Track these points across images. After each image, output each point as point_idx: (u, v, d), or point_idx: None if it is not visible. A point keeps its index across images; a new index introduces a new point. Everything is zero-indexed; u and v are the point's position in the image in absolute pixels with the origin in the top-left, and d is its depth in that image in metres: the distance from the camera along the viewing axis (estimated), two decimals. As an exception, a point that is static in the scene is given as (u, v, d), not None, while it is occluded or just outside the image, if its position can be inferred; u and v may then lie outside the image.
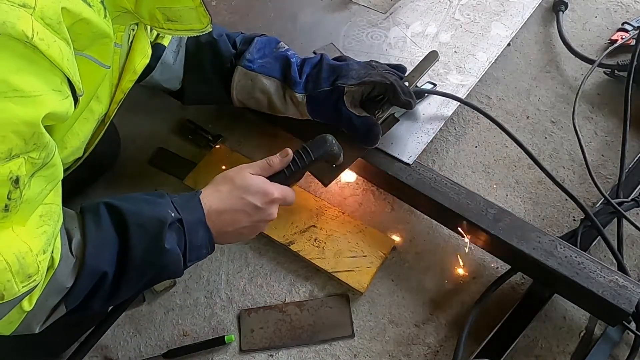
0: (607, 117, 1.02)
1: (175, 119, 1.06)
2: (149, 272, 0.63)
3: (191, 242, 0.65)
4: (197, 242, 0.66)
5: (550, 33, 1.16)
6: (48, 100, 0.47)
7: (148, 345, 0.81)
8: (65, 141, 0.63)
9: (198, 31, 0.65)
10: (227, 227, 0.68)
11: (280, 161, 0.72)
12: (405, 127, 0.90)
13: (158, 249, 0.61)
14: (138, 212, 0.62)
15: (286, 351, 0.79)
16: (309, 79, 0.83)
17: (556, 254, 0.75)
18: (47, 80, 0.48)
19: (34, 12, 0.45)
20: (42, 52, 0.46)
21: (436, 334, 0.80)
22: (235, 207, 0.68)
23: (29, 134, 0.46)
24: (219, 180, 0.70)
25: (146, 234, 0.61)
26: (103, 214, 0.61)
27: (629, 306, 0.69)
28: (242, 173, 0.70)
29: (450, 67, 0.99)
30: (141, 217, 0.62)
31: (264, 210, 0.69)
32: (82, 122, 0.64)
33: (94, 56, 0.58)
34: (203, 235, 0.66)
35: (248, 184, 0.69)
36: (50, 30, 0.47)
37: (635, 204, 0.86)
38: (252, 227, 0.71)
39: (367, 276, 0.83)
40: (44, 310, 0.57)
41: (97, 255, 0.59)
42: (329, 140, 0.74)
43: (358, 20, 1.07)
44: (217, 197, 0.68)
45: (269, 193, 0.69)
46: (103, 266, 0.59)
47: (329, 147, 0.74)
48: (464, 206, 0.81)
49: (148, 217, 0.62)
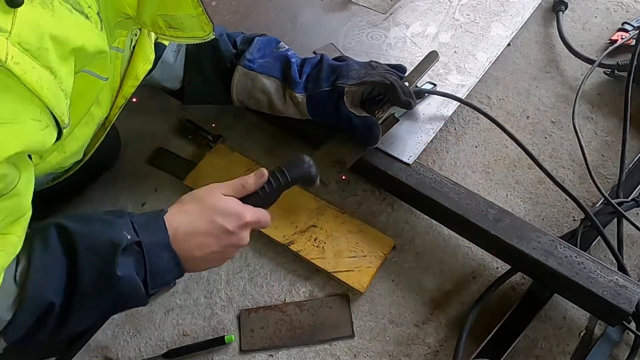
0: (607, 117, 1.02)
1: (175, 119, 1.06)
2: (103, 300, 0.58)
3: (152, 267, 0.59)
4: (161, 267, 0.60)
5: (550, 33, 1.16)
6: (24, 129, 0.44)
7: (148, 345, 0.81)
8: (65, 145, 0.61)
9: (200, 39, 0.64)
10: (195, 251, 0.63)
11: (255, 182, 0.67)
12: (405, 127, 0.90)
13: (109, 275, 0.56)
14: (89, 234, 0.57)
15: (286, 351, 0.79)
16: (309, 79, 0.83)
17: (556, 254, 0.75)
18: (25, 108, 0.45)
19: (9, 36, 0.42)
20: (18, 77, 0.43)
21: (436, 334, 0.80)
22: (204, 229, 0.62)
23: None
24: (186, 199, 0.65)
25: (96, 259, 0.56)
26: (52, 236, 0.56)
27: (629, 306, 0.69)
28: (213, 193, 0.65)
29: (450, 67, 0.99)
30: (93, 239, 0.57)
31: (235, 235, 0.64)
32: (82, 127, 0.63)
33: (92, 70, 0.57)
34: (167, 259, 0.60)
35: (219, 205, 0.63)
36: (29, 56, 0.44)
37: (635, 204, 0.86)
38: (220, 253, 0.65)
39: (367, 276, 0.83)
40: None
41: (42, 283, 0.54)
42: (306, 162, 0.71)
43: (358, 21, 1.07)
44: (185, 217, 0.63)
45: (241, 216, 0.63)
46: (48, 296, 0.54)
47: (307, 168, 0.70)
48: (464, 206, 0.81)
49: (99, 240, 0.57)
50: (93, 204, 0.96)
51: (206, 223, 0.63)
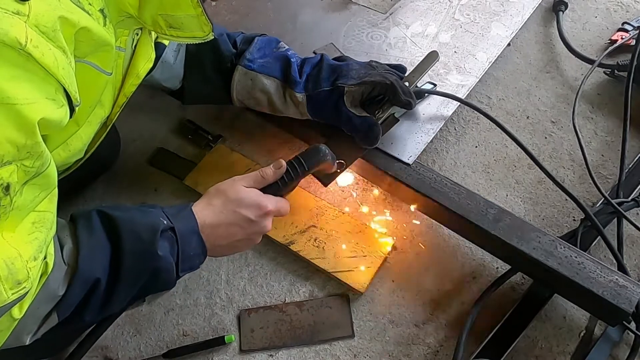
0: (607, 117, 1.02)
1: (175, 119, 1.06)
2: (141, 279, 0.62)
3: (184, 252, 0.64)
4: (190, 252, 0.65)
5: (550, 33, 1.16)
6: (41, 108, 0.47)
7: (148, 345, 0.81)
8: (69, 144, 0.63)
9: (200, 39, 0.65)
10: (221, 240, 0.68)
11: (274, 173, 0.71)
12: (405, 127, 0.90)
13: (150, 255, 0.61)
14: (130, 219, 0.62)
15: (286, 351, 0.79)
16: (309, 78, 0.83)
17: (556, 254, 0.75)
18: (41, 88, 0.47)
19: (28, 20, 0.45)
20: (37, 59, 0.45)
21: (436, 334, 0.80)
22: (229, 220, 0.67)
23: (22, 141, 0.46)
24: (211, 193, 0.70)
25: (139, 240, 0.61)
26: (95, 221, 0.61)
27: (629, 306, 0.69)
28: (235, 186, 0.69)
29: (450, 67, 0.99)
30: (133, 223, 0.61)
31: (257, 223, 0.68)
32: (85, 126, 0.64)
33: (95, 63, 0.57)
34: (196, 245, 0.66)
35: (241, 197, 0.68)
36: (45, 38, 0.46)
37: (635, 204, 0.86)
38: (246, 240, 0.70)
39: (367, 276, 0.83)
40: (34, 319, 0.56)
41: (90, 261, 0.58)
42: (322, 151, 0.74)
43: (358, 21, 1.07)
44: (211, 210, 0.67)
45: (262, 206, 0.68)
46: (96, 273, 0.58)
47: (322, 157, 0.73)
48: (464, 206, 0.81)
49: (140, 224, 0.62)
50: (93, 203, 0.96)
51: (230, 214, 0.67)
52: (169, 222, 0.63)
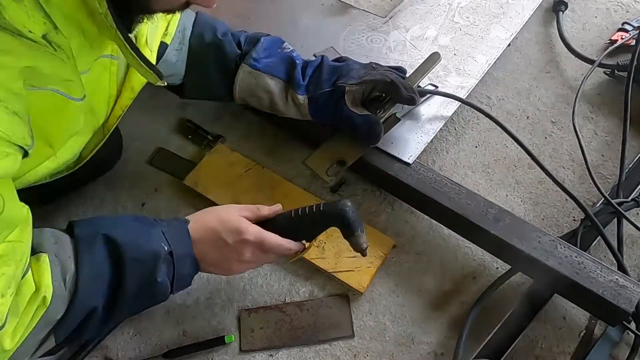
0: (607, 117, 1.02)
1: (175, 119, 1.06)
2: (139, 304, 0.66)
3: (179, 274, 0.66)
4: (184, 273, 0.68)
5: (550, 33, 1.16)
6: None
7: (148, 345, 0.81)
8: (58, 156, 0.62)
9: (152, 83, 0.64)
10: (206, 259, 0.69)
11: (269, 209, 0.73)
12: (405, 127, 0.91)
13: (151, 281, 0.63)
14: (134, 245, 0.62)
15: (286, 351, 0.79)
16: (311, 81, 0.83)
17: (556, 254, 0.75)
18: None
19: None
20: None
21: (436, 334, 0.80)
22: (209, 239, 0.68)
23: None
24: (208, 210, 0.72)
25: (141, 267, 0.62)
26: (98, 245, 0.61)
27: (629, 306, 0.69)
28: (228, 209, 0.71)
29: (450, 69, 0.99)
30: (137, 250, 0.62)
31: (233, 249, 0.68)
32: (75, 137, 0.63)
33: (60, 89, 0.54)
34: (190, 267, 0.68)
35: (227, 219, 0.69)
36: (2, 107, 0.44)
37: (635, 204, 0.86)
38: (225, 263, 0.70)
39: (367, 276, 0.83)
40: (32, 343, 0.56)
41: (90, 289, 0.59)
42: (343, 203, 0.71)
43: (358, 25, 1.07)
44: (199, 226, 0.69)
45: (242, 232, 0.68)
46: (94, 301, 0.59)
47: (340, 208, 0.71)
48: (464, 206, 0.81)
49: (143, 251, 0.63)
50: (93, 203, 0.96)
51: (212, 234, 0.69)
52: (169, 247, 0.65)
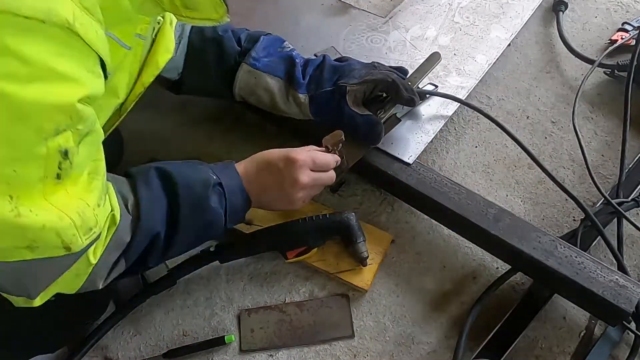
0: (607, 117, 1.02)
1: (176, 119, 1.06)
2: (196, 230, 0.69)
3: (231, 205, 0.70)
4: (237, 205, 0.71)
5: (550, 33, 1.17)
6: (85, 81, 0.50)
7: (148, 345, 0.81)
8: None
9: (215, 21, 0.66)
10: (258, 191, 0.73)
11: None
12: (405, 127, 0.91)
13: (204, 207, 0.67)
14: (185, 175, 0.67)
15: (286, 351, 0.79)
16: (312, 80, 0.84)
17: (556, 254, 0.75)
18: (84, 63, 0.50)
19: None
20: (81, 36, 0.48)
21: (436, 334, 0.80)
22: (260, 170, 0.74)
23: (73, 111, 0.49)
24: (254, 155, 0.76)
25: (194, 194, 0.66)
26: (152, 177, 0.66)
27: (629, 306, 0.69)
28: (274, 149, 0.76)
29: (450, 69, 0.99)
30: (187, 179, 0.67)
31: (287, 174, 0.73)
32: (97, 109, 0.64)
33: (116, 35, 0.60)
34: (241, 199, 0.72)
35: (273, 151, 0.75)
36: (87, 14, 0.49)
37: (635, 204, 0.86)
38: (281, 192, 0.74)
39: (369, 274, 0.83)
40: (106, 264, 0.61)
41: (151, 214, 0.63)
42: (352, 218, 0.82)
43: (358, 25, 1.07)
44: (248, 164, 0.74)
45: (290, 155, 0.73)
46: (156, 227, 0.64)
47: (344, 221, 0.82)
48: (464, 206, 0.81)
49: (193, 179, 0.68)
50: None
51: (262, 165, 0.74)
52: (217, 178, 0.69)
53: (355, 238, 0.82)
